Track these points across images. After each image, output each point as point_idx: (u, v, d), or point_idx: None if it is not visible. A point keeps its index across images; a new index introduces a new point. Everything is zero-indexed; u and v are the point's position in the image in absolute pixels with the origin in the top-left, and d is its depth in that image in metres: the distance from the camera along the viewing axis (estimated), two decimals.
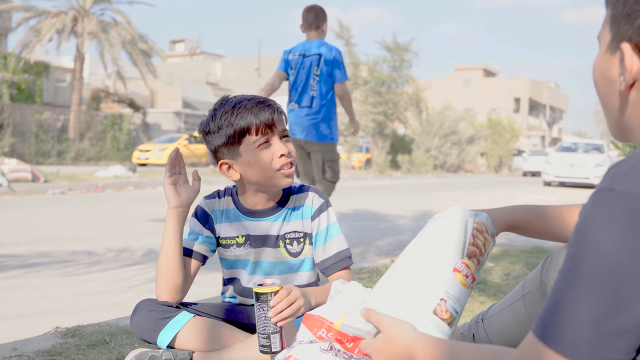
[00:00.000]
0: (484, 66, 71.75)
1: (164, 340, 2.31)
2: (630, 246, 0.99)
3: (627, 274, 0.99)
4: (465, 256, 1.70)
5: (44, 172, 16.30)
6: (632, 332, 1.00)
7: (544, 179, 23.85)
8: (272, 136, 2.37)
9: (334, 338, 1.91)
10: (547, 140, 70.90)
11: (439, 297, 1.62)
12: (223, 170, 2.44)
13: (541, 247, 6.31)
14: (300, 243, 2.50)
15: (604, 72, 1.21)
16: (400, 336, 1.51)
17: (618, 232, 1.00)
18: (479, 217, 1.82)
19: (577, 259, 1.05)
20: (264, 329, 2.12)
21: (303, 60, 5.88)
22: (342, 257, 2.48)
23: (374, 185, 21.75)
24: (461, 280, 1.67)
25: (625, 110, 1.18)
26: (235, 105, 2.36)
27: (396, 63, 34.15)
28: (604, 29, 1.22)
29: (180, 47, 76.02)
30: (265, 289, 2.10)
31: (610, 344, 1.00)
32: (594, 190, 1.08)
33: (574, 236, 1.07)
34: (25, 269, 5.31)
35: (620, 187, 1.02)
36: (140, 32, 31.73)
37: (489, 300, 3.74)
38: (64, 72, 38.10)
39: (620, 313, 1.00)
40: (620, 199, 1.01)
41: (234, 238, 2.51)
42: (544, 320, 1.08)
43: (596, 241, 1.02)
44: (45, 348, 2.69)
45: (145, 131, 34.59)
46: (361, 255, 6.24)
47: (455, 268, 1.67)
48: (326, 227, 2.49)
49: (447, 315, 1.62)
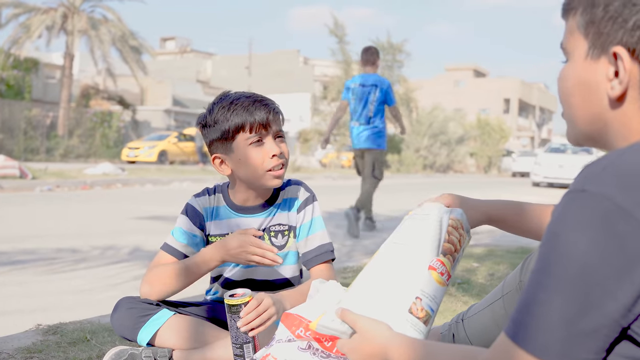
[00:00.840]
0: (474, 67, 71.89)
1: (144, 337, 2.30)
2: (601, 247, 1.00)
3: (597, 275, 1.00)
4: (440, 253, 1.69)
5: (32, 169, 16.24)
6: (602, 333, 1.01)
7: (533, 179, 23.92)
8: (265, 135, 2.37)
9: (312, 337, 1.91)
10: (537, 141, 71.08)
11: (414, 296, 1.62)
12: (215, 164, 2.46)
13: (527, 248, 6.33)
14: (285, 236, 2.51)
15: (584, 80, 1.19)
16: (375, 336, 1.51)
17: (589, 233, 1.00)
18: (454, 213, 1.82)
19: (548, 259, 1.05)
20: (236, 339, 2.12)
21: (362, 89, 7.73)
22: (323, 250, 2.48)
23: None
24: (437, 278, 1.66)
25: (606, 116, 1.18)
26: (233, 101, 2.38)
27: (388, 63, 34.18)
28: (573, 37, 1.21)
29: (170, 45, 75.91)
30: (236, 300, 2.10)
31: (581, 344, 1.01)
32: (566, 191, 1.08)
33: (546, 237, 1.08)
34: (10, 266, 5.29)
35: (592, 188, 1.02)
36: (130, 29, 31.70)
37: (472, 300, 3.75)
38: (53, 68, 37.97)
39: (591, 313, 1.00)
40: (591, 200, 1.01)
41: (223, 235, 2.51)
42: (516, 320, 1.09)
43: (567, 242, 1.03)
44: (26, 345, 2.68)
45: (135, 129, 34.51)
46: (347, 255, 6.24)
47: (431, 266, 1.66)
48: (310, 220, 2.51)
49: (422, 314, 1.62)
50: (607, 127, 1.19)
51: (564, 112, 1.28)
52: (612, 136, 1.18)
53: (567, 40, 1.23)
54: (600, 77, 1.16)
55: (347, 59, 33.48)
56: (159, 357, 2.25)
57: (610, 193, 1.00)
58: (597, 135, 1.22)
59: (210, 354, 2.29)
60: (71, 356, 2.52)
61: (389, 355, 1.45)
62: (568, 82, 1.23)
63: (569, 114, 1.26)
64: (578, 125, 1.25)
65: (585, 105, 1.21)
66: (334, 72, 36.88)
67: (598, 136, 1.22)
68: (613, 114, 1.17)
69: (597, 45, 1.16)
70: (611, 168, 1.04)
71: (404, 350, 1.41)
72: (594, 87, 1.18)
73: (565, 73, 1.24)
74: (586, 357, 1.02)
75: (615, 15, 1.12)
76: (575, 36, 1.21)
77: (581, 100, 1.21)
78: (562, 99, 1.27)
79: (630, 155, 1.05)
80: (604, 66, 1.16)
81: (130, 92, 41.47)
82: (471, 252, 5.93)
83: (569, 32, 1.23)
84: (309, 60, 65.55)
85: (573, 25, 1.21)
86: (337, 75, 34.82)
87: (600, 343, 1.02)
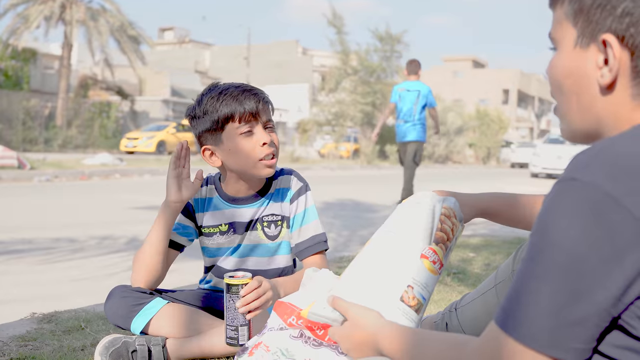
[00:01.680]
0: (473, 57, 71.80)
1: (138, 326, 2.31)
2: (590, 236, 0.99)
3: (587, 264, 0.99)
4: (432, 242, 1.69)
5: (30, 159, 16.22)
6: (592, 322, 1.01)
7: (532, 170, 23.91)
8: (255, 125, 2.36)
9: (304, 325, 1.92)
10: (536, 132, 71.04)
11: (405, 284, 1.63)
12: (205, 156, 2.44)
13: (523, 238, 6.33)
14: (278, 226, 2.51)
15: (573, 69, 1.18)
16: (366, 324, 1.52)
17: (578, 222, 1.00)
18: (447, 202, 1.82)
19: (538, 248, 1.05)
20: (232, 321, 2.11)
21: (407, 93, 9.31)
22: (317, 241, 2.48)
23: (361, 175, 21.77)
24: (428, 266, 1.67)
25: (596, 106, 1.17)
26: (222, 91, 2.37)
27: (387, 53, 34.11)
28: (562, 26, 1.20)
29: (169, 35, 75.72)
30: (237, 280, 2.10)
31: (570, 333, 1.01)
32: (556, 180, 1.08)
33: (536, 225, 1.07)
34: (7, 255, 5.30)
35: (582, 177, 1.02)
36: (129, 20, 31.61)
37: (468, 290, 3.75)
38: (51, 59, 37.89)
39: (580, 303, 1.00)
40: (581, 189, 1.01)
41: (217, 226, 2.51)
42: (505, 308, 1.09)
43: (557, 231, 1.02)
44: (20, 333, 2.69)
45: (133, 119, 34.47)
46: (344, 244, 6.25)
47: (423, 254, 1.66)
48: (303, 210, 2.49)
49: (414, 302, 1.62)
50: (598, 117, 1.17)
51: (556, 106, 1.28)
52: (604, 127, 1.18)
53: (556, 30, 1.23)
54: (590, 66, 1.15)
55: (345, 50, 33.39)
56: (153, 345, 2.26)
57: (600, 182, 1.00)
58: (590, 128, 1.20)
59: (204, 342, 2.30)
60: (65, 344, 2.52)
61: (379, 342, 1.45)
62: (557, 71, 1.22)
63: (560, 107, 1.25)
64: (570, 119, 1.23)
65: (576, 96, 1.19)
66: (333, 63, 36.80)
67: (591, 129, 1.20)
68: (603, 104, 1.16)
69: (586, 34, 1.15)
70: (601, 156, 1.03)
71: (393, 337, 1.42)
72: (583, 75, 1.17)
73: (554, 62, 1.24)
74: (576, 346, 1.02)
75: (604, 3, 1.12)
76: (564, 25, 1.20)
77: (571, 89, 1.20)
78: (553, 89, 1.26)
79: (620, 143, 1.05)
80: (593, 54, 1.15)
81: (129, 82, 41.38)
82: (467, 242, 5.94)
83: (557, 22, 1.22)
84: (308, 50, 65.42)
85: (561, 14, 1.20)
86: (335, 66, 34.74)
87: (590, 332, 1.02)
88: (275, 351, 1.96)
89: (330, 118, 34.46)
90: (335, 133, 34.15)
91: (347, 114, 33.47)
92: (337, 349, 1.89)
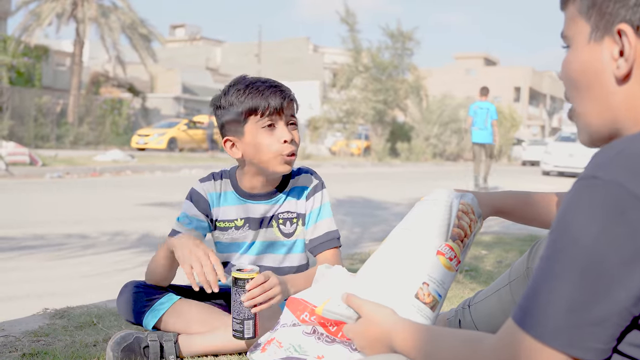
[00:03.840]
0: (485, 55, 71.59)
1: (150, 321, 2.31)
2: (611, 235, 0.98)
3: (607, 263, 0.98)
4: (449, 238, 1.68)
5: (42, 156, 16.29)
6: (612, 322, 0.99)
7: (543, 168, 23.81)
8: (278, 121, 2.38)
9: (317, 321, 1.91)
10: (547, 130, 70.76)
11: (421, 281, 1.61)
12: (227, 147, 2.46)
13: (535, 235, 6.30)
14: (294, 224, 2.51)
15: (587, 64, 1.17)
16: (380, 321, 1.50)
17: (599, 221, 0.99)
18: (465, 198, 1.81)
19: (558, 246, 1.04)
20: (238, 314, 2.11)
21: (481, 110, 13.26)
22: (330, 237, 2.48)
23: (372, 173, 21.74)
24: (445, 263, 1.65)
25: (614, 100, 1.15)
26: (248, 84, 2.39)
27: (398, 51, 34.03)
28: (575, 23, 1.19)
29: (180, 32, 75.79)
30: (244, 274, 2.09)
31: (590, 332, 1.00)
32: (578, 177, 1.06)
33: (556, 223, 1.06)
34: (19, 251, 5.31)
35: (603, 175, 1.00)
36: (140, 17, 31.64)
37: (480, 288, 3.72)
38: (63, 56, 37.98)
39: (601, 302, 0.99)
40: (603, 187, 1.00)
41: (232, 221, 2.51)
42: (524, 307, 1.08)
43: (577, 229, 1.01)
44: (33, 329, 2.69)
45: (145, 116, 34.51)
46: (356, 242, 6.24)
47: (439, 251, 1.65)
48: (319, 206, 2.51)
49: (429, 299, 1.61)
50: (616, 112, 1.15)
51: (571, 109, 1.26)
52: (622, 122, 1.16)
53: (568, 27, 1.22)
54: (606, 58, 1.14)
55: (357, 47, 33.32)
56: (165, 341, 2.25)
57: (622, 180, 0.98)
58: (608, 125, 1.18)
59: (216, 338, 2.29)
60: (77, 340, 2.52)
61: (392, 339, 1.44)
62: (572, 68, 1.21)
63: (576, 107, 1.24)
64: (587, 119, 1.21)
65: (592, 91, 1.18)
66: (344, 60, 36.73)
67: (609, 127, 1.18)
68: (620, 96, 1.14)
69: (600, 27, 1.14)
70: (623, 154, 1.02)
71: (407, 334, 1.41)
72: (599, 69, 1.16)
73: (568, 59, 1.22)
74: (595, 346, 1.00)
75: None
76: (577, 21, 1.19)
77: (587, 85, 1.18)
78: (567, 88, 1.25)
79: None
80: (608, 46, 1.14)
81: (140, 79, 41.46)
82: (480, 239, 5.91)
83: (569, 19, 1.21)
84: (319, 47, 65.36)
85: (574, 11, 1.20)
86: (346, 63, 34.68)
87: (610, 332, 1.00)
88: (288, 347, 1.95)
89: (342, 115, 34.38)
90: (347, 130, 34.09)
91: (359, 111, 33.42)
92: (351, 345, 1.88)
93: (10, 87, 26.67)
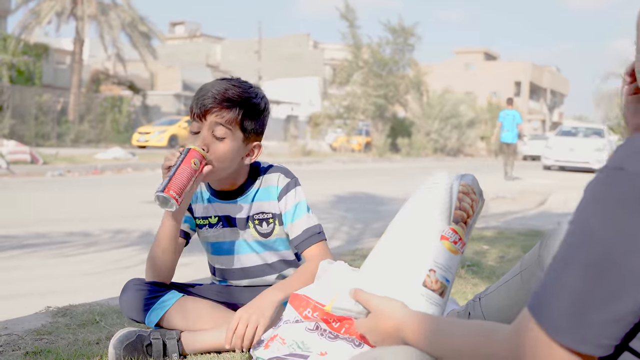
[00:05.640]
0: (485, 50, 71.47)
1: (152, 319, 2.30)
2: (630, 230, 0.95)
3: (627, 259, 0.95)
4: (452, 222, 1.66)
5: (43, 154, 16.28)
6: (627, 320, 0.97)
7: (544, 163, 23.80)
8: (202, 126, 2.30)
9: (320, 318, 1.91)
10: (548, 125, 70.71)
11: (427, 268, 1.59)
12: None
13: (537, 230, 6.31)
14: (270, 224, 2.47)
15: None
16: (389, 315, 1.49)
17: (621, 215, 0.96)
18: (465, 178, 1.77)
19: (576, 238, 1.02)
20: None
21: (507, 116, 16.63)
22: (310, 233, 2.41)
23: (373, 168, 21.73)
24: (449, 247, 1.63)
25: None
26: (203, 86, 2.36)
27: (399, 46, 34.01)
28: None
29: (180, 30, 75.76)
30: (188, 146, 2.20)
31: (604, 330, 0.98)
32: (601, 167, 1.03)
33: (576, 213, 1.03)
34: (21, 249, 5.32)
35: (630, 166, 0.98)
36: (139, 14, 31.63)
37: (482, 283, 3.73)
38: (63, 54, 37.98)
39: (618, 300, 0.96)
40: (628, 179, 0.97)
41: (207, 218, 2.50)
42: (539, 296, 1.06)
43: (596, 222, 0.99)
44: (36, 327, 2.69)
45: (145, 113, 34.49)
46: (357, 237, 6.24)
47: (443, 236, 1.63)
48: (293, 206, 2.44)
49: (437, 286, 1.59)
50: None
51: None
52: None
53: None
54: None
55: (357, 43, 33.30)
56: (167, 339, 2.25)
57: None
58: None
59: (219, 335, 2.29)
60: (80, 338, 2.52)
61: (404, 332, 1.43)
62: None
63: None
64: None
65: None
66: (344, 56, 36.69)
67: None
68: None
69: None
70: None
71: (417, 326, 1.40)
72: None
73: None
74: (608, 342, 0.99)
75: None
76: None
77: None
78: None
79: None
80: None
81: (140, 77, 41.46)
82: (482, 234, 5.90)
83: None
84: (319, 44, 65.34)
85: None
86: (347, 59, 34.66)
87: (623, 329, 0.98)
88: (291, 344, 1.95)
89: (342, 111, 34.35)
90: (347, 126, 34.06)
91: (359, 107, 33.40)
92: (354, 341, 1.88)
93: (11, 85, 26.69)
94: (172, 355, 2.24)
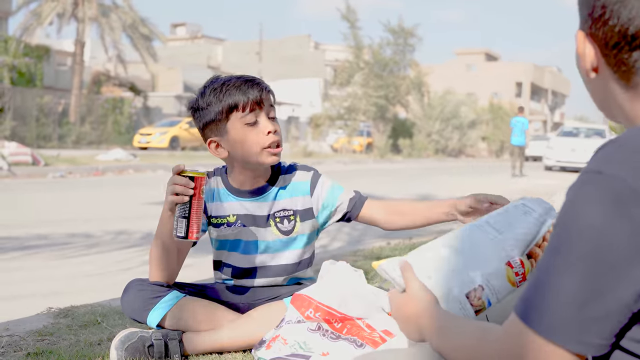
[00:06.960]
0: (486, 50, 71.47)
1: (154, 319, 2.30)
2: (613, 231, 0.97)
3: (609, 259, 0.97)
4: (525, 254, 1.60)
5: (44, 156, 16.29)
6: (613, 318, 0.99)
7: (545, 163, 23.82)
8: (259, 114, 2.36)
9: (321, 318, 1.92)
10: (549, 125, 70.69)
11: (477, 283, 1.55)
12: (211, 148, 2.44)
13: None
14: (291, 221, 2.48)
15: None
16: (418, 302, 1.47)
17: (602, 216, 0.98)
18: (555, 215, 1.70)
19: (561, 239, 1.03)
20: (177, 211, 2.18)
21: (517, 122, 18.85)
22: (356, 199, 2.52)
23: (374, 169, 21.73)
24: (510, 276, 1.58)
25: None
26: (224, 82, 2.37)
27: (400, 47, 34.05)
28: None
29: (181, 31, 75.77)
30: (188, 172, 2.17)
31: (592, 328, 0.99)
32: (581, 171, 1.05)
33: (560, 216, 1.05)
34: (23, 251, 5.32)
35: (608, 169, 0.99)
36: (141, 16, 31.69)
37: None
38: (64, 55, 38.01)
39: (603, 298, 0.98)
40: (606, 182, 0.99)
41: (224, 217, 2.49)
42: (526, 300, 1.07)
43: (580, 224, 1.00)
44: (37, 328, 2.70)
45: (146, 115, 34.52)
46: (358, 238, 6.24)
47: (509, 262, 1.58)
48: (327, 191, 2.50)
49: (478, 303, 1.55)
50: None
51: None
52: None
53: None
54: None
55: (358, 44, 33.34)
56: (169, 340, 2.25)
57: (624, 175, 0.97)
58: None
59: (221, 336, 2.29)
60: (82, 338, 2.53)
61: (422, 323, 1.43)
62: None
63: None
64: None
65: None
66: (345, 57, 36.73)
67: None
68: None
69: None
70: (627, 149, 1.01)
71: (431, 320, 1.39)
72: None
73: None
74: (598, 342, 1.00)
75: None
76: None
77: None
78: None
79: None
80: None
81: (142, 78, 41.47)
82: None
83: None
84: (320, 45, 65.33)
85: None
86: (348, 60, 34.70)
87: (611, 328, 0.99)
88: (293, 344, 1.95)
89: (343, 112, 34.39)
90: (348, 127, 34.10)
91: (360, 108, 33.43)
92: (355, 342, 1.88)
93: (12, 87, 26.69)
94: (174, 356, 2.24)
